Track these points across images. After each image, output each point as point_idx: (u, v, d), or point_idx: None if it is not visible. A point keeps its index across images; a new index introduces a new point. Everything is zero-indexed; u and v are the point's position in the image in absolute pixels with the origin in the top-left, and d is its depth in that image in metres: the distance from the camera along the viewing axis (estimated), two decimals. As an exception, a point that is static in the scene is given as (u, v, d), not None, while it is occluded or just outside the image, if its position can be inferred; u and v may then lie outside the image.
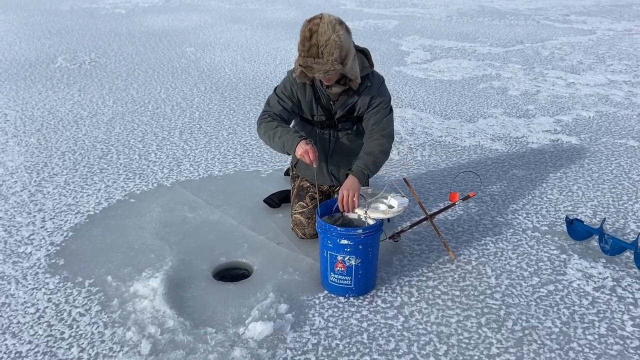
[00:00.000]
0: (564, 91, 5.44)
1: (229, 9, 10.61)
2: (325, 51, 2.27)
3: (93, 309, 2.34)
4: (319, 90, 2.58)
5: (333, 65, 2.30)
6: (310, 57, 2.29)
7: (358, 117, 2.67)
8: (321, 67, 2.30)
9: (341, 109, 2.61)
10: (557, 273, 2.59)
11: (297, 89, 2.60)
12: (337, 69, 2.32)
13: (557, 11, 10.46)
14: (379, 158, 2.59)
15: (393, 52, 7.12)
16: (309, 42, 2.28)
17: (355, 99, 2.58)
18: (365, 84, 2.56)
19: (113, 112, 4.79)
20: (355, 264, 2.37)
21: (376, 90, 2.59)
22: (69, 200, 3.25)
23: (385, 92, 2.64)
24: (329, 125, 2.67)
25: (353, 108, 2.63)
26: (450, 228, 3.00)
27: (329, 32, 2.26)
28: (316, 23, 2.28)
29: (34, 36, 7.80)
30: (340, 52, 2.30)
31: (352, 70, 2.42)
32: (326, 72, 2.33)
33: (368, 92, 2.58)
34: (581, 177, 3.59)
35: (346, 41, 2.33)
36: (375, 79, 2.61)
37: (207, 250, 2.78)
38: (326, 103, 2.62)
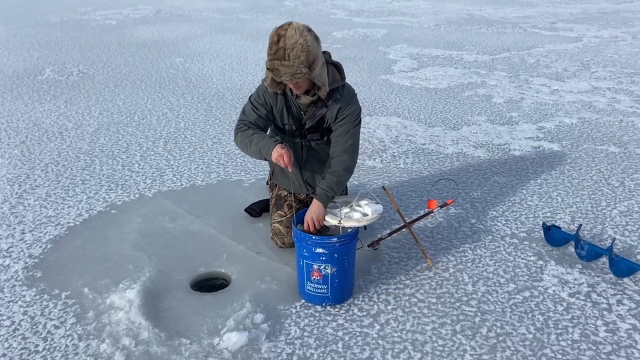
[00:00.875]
0: (548, 98, 5.48)
1: (219, 19, 10.67)
2: (292, 54, 2.28)
3: (68, 321, 2.34)
4: (290, 99, 2.60)
5: (299, 68, 2.30)
6: (277, 60, 2.30)
7: (328, 128, 2.68)
8: (287, 69, 2.30)
9: (311, 120, 2.62)
10: (533, 279, 2.61)
11: (269, 97, 2.62)
12: (303, 72, 2.32)
13: (545, 19, 10.56)
14: (342, 177, 2.60)
15: (380, 61, 7.17)
16: (276, 46, 2.30)
17: (325, 111, 2.59)
18: (335, 96, 2.56)
19: (98, 123, 4.79)
20: (331, 273, 2.38)
21: (345, 103, 2.59)
22: (50, 212, 3.25)
23: (354, 104, 2.63)
24: (300, 135, 2.69)
25: (322, 119, 2.64)
26: (430, 235, 3.01)
27: (296, 37, 2.29)
28: (284, 28, 2.31)
29: (23, 48, 7.81)
30: (307, 56, 2.31)
31: (319, 77, 2.42)
32: (292, 75, 2.33)
33: (337, 104, 2.58)
34: (561, 183, 3.61)
35: (313, 47, 2.34)
36: (345, 92, 2.61)
37: (186, 261, 2.78)
38: (297, 113, 2.64)
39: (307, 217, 2.48)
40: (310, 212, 2.50)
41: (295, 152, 2.76)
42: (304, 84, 2.45)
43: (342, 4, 12.75)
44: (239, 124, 2.66)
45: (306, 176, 2.84)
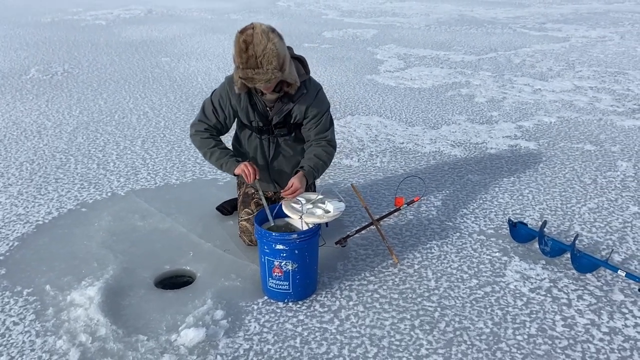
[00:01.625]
0: (529, 97, 5.49)
1: (210, 19, 10.68)
2: (264, 61, 2.28)
3: (27, 317, 2.34)
4: (255, 96, 2.61)
5: (273, 74, 2.32)
6: (250, 69, 2.29)
7: (295, 124, 2.69)
8: (262, 76, 2.31)
9: (277, 115, 2.63)
10: (495, 275, 2.61)
11: (232, 96, 2.63)
12: (277, 76, 2.35)
13: (535, 19, 10.58)
14: (324, 165, 2.68)
15: (367, 61, 7.18)
16: (245, 54, 2.28)
17: (291, 106, 2.61)
18: (300, 91, 2.58)
19: (78, 122, 4.80)
20: (292, 269, 2.38)
21: (312, 99, 2.61)
22: (20, 210, 3.25)
23: (323, 100, 2.66)
24: (267, 131, 2.69)
25: (289, 115, 2.65)
26: (399, 233, 3.01)
27: (264, 42, 2.27)
28: (249, 34, 2.28)
29: (11, 48, 7.82)
30: (278, 59, 2.32)
31: (290, 75, 2.44)
32: (267, 81, 2.35)
33: (304, 99, 2.61)
34: (534, 181, 3.62)
35: (282, 48, 2.36)
36: (311, 86, 2.63)
37: (151, 258, 2.78)
38: (262, 109, 2.64)
39: (293, 182, 2.54)
40: (297, 179, 2.54)
41: (262, 150, 2.77)
42: (275, 84, 2.46)
43: (335, 5, 12.77)
44: (198, 124, 2.69)
45: (273, 174, 2.84)
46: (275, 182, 2.88)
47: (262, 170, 2.80)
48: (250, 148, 2.79)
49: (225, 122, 2.71)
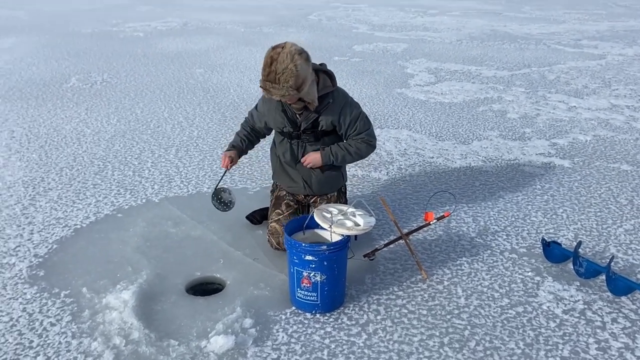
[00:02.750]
0: (564, 115, 5.41)
1: (243, 32, 10.86)
2: (282, 78, 2.44)
3: (64, 319, 2.41)
4: (284, 104, 2.75)
5: (288, 91, 2.48)
6: (269, 82, 2.48)
7: (323, 131, 2.81)
8: (277, 91, 2.49)
9: (305, 122, 2.77)
10: (528, 295, 2.57)
11: (267, 101, 2.83)
12: (291, 94, 2.50)
13: (570, 36, 10.42)
14: (349, 156, 2.82)
15: (397, 75, 7.19)
16: (268, 68, 2.46)
17: (316, 116, 2.74)
18: (326, 101, 2.71)
19: (115, 130, 4.94)
20: (320, 280, 2.40)
21: (340, 107, 2.74)
22: (59, 214, 3.36)
23: (353, 106, 2.80)
24: (296, 136, 2.83)
25: (317, 122, 2.77)
26: (428, 248, 3.00)
27: (287, 61, 2.43)
28: (277, 52, 2.45)
29: (53, 57, 8.10)
30: (296, 80, 2.46)
31: (308, 95, 2.58)
32: (282, 96, 2.52)
33: (330, 109, 2.73)
34: (568, 200, 3.55)
35: (303, 70, 2.48)
36: (338, 96, 2.76)
37: (183, 265, 2.83)
38: (292, 116, 2.79)
39: (307, 155, 2.81)
40: (312, 154, 2.80)
41: (292, 154, 2.90)
42: (294, 100, 2.59)
43: (366, 19, 12.84)
44: (243, 122, 3.08)
45: (303, 175, 2.93)
46: (305, 183, 2.93)
47: (293, 172, 2.95)
48: (281, 151, 2.94)
49: (261, 130, 3.01)
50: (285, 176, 2.98)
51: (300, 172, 2.93)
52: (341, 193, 3.09)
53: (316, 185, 2.94)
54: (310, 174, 2.92)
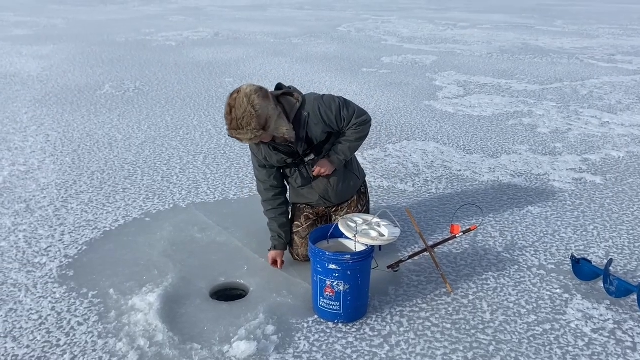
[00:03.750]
0: (597, 130, 5.30)
1: (273, 42, 11.00)
2: (244, 123, 2.40)
3: (91, 319, 2.46)
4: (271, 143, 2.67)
5: (254, 133, 2.43)
6: (233, 130, 2.44)
7: (320, 143, 2.74)
8: (245, 136, 2.44)
9: (300, 147, 2.69)
10: (556, 312, 2.51)
11: (256, 153, 2.76)
12: (259, 135, 2.45)
13: (603, 51, 10.23)
14: (354, 144, 2.78)
15: (426, 87, 7.16)
16: (230, 117, 2.43)
17: (304, 133, 2.65)
18: (303, 118, 2.63)
19: (146, 136, 5.04)
20: (344, 290, 2.39)
21: (318, 114, 2.65)
22: (90, 216, 3.44)
23: (328, 103, 2.67)
24: (299, 162, 2.78)
25: (309, 139, 2.70)
26: (453, 261, 2.97)
27: (245, 105, 2.39)
28: (234, 98, 2.42)
29: (88, 64, 8.35)
30: (258, 120, 2.41)
31: (277, 130, 2.50)
32: (250, 140, 2.46)
33: (312, 121, 2.65)
34: (599, 217, 3.47)
35: (263, 108, 2.41)
36: (309, 106, 2.65)
37: (208, 270, 2.86)
38: (285, 148, 2.71)
39: (317, 166, 2.75)
40: (321, 163, 2.74)
41: (302, 178, 2.84)
42: (267, 137, 2.53)
43: (395, 31, 12.86)
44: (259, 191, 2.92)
45: (320, 192, 2.87)
46: (323, 199, 2.91)
47: (309, 192, 2.88)
48: (292, 179, 2.87)
49: (274, 177, 2.83)
50: (303, 197, 2.92)
51: (316, 190, 2.87)
52: (361, 194, 3.04)
53: (335, 197, 2.90)
54: (327, 188, 2.85)
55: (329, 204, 2.94)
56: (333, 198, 2.89)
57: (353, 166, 2.95)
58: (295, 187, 2.88)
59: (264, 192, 2.87)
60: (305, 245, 2.86)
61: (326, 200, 2.90)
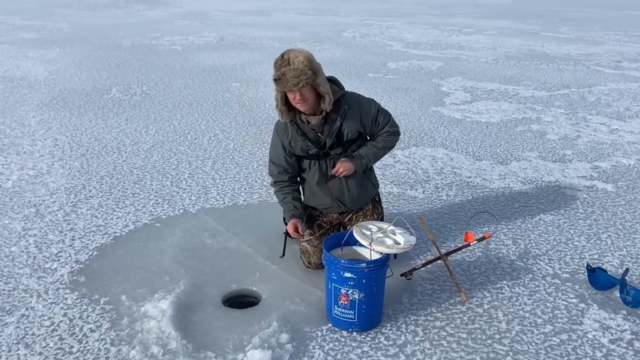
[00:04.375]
0: (606, 137, 5.27)
1: (278, 47, 10.99)
2: (296, 61, 2.48)
3: (104, 325, 2.44)
4: (303, 127, 2.70)
5: (304, 70, 2.46)
6: (283, 67, 2.49)
7: (348, 141, 2.76)
8: (293, 72, 2.46)
9: (329, 137, 2.71)
10: (572, 322, 2.48)
11: (283, 137, 2.76)
12: (308, 74, 2.47)
13: (610, 57, 10.21)
14: (380, 152, 2.84)
15: (433, 93, 7.15)
16: (281, 60, 2.52)
17: (339, 124, 2.69)
18: (342, 107, 2.68)
19: (154, 140, 5.03)
20: (358, 298, 2.37)
21: (358, 109, 2.72)
22: (100, 221, 3.42)
23: (369, 103, 2.78)
24: (324, 155, 2.78)
25: (340, 133, 2.72)
26: (466, 269, 2.94)
27: (298, 52, 2.52)
28: (288, 50, 2.55)
29: (94, 68, 8.35)
30: (310, 63, 2.49)
31: (323, 84, 2.56)
32: (298, 78, 2.46)
33: (349, 114, 2.69)
34: (612, 225, 3.44)
35: (314, 61, 2.54)
36: (351, 100, 2.73)
37: (219, 276, 2.84)
38: (314, 137, 2.72)
39: (338, 164, 2.73)
40: (342, 162, 2.73)
41: (321, 174, 2.84)
42: (309, 95, 2.54)
43: (400, 36, 12.86)
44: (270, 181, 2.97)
45: (334, 193, 2.87)
46: (338, 201, 2.89)
47: (325, 192, 2.87)
48: (310, 174, 2.86)
49: (287, 160, 2.83)
50: (317, 198, 2.90)
51: (332, 190, 2.86)
52: (375, 202, 3.05)
53: (349, 201, 2.90)
54: (343, 191, 2.85)
55: (342, 209, 2.92)
56: (347, 202, 2.87)
57: (371, 174, 2.96)
58: (312, 183, 2.86)
59: (277, 175, 2.88)
60: (318, 254, 2.84)
61: (340, 204, 2.88)
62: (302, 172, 2.92)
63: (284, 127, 2.75)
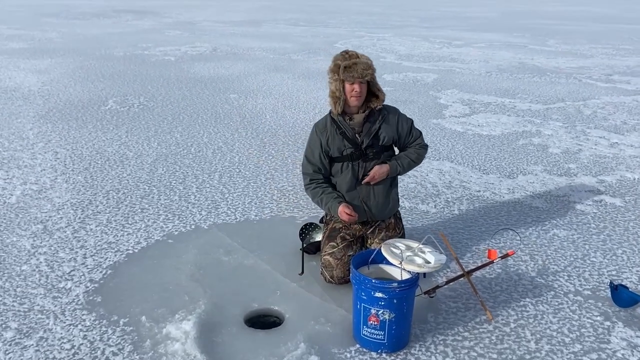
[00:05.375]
0: (607, 151, 5.33)
1: (272, 58, 10.99)
2: (363, 57, 2.75)
3: (126, 348, 2.36)
4: (342, 125, 2.81)
5: (371, 65, 2.73)
6: (353, 58, 2.71)
7: (383, 146, 2.86)
8: (363, 64, 2.69)
9: (367, 137, 2.81)
10: (600, 341, 2.48)
11: (321, 137, 2.86)
12: (374, 69, 2.75)
13: (600, 70, 10.39)
14: (413, 162, 2.97)
15: (431, 105, 7.18)
16: (348, 54, 2.74)
17: (378, 126, 2.81)
18: (383, 111, 2.87)
19: (157, 153, 4.96)
20: (389, 319, 2.33)
21: (396, 118, 2.90)
22: (110, 238, 3.34)
23: (406, 118, 2.97)
24: (358, 156, 2.84)
25: (377, 137, 2.83)
26: (488, 287, 2.92)
27: (361, 53, 2.80)
28: (349, 49, 2.81)
29: (88, 79, 8.24)
30: (371, 64, 2.76)
31: (378, 85, 2.83)
32: (364, 69, 2.68)
33: (388, 119, 2.87)
34: (626, 240, 3.46)
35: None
36: (390, 109, 2.92)
37: (240, 295, 2.78)
38: (352, 135, 2.81)
39: (373, 170, 2.82)
40: (378, 167, 2.83)
41: (353, 175, 2.87)
42: (365, 90, 2.76)
43: (392, 48, 12.95)
44: (305, 179, 2.97)
45: (362, 197, 2.89)
46: (365, 205, 2.89)
47: (352, 195, 2.90)
48: (342, 176, 2.89)
49: (322, 161, 2.90)
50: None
51: (360, 193, 2.89)
52: (397, 219, 3.06)
53: (375, 208, 2.92)
54: (370, 195, 2.89)
55: (367, 216, 2.92)
56: (373, 207, 2.90)
57: (396, 189, 2.98)
58: (342, 187, 2.90)
59: (312, 173, 2.92)
60: (341, 267, 2.81)
61: (366, 208, 2.89)
62: (332, 176, 2.96)
63: (323, 125, 2.87)
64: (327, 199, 2.85)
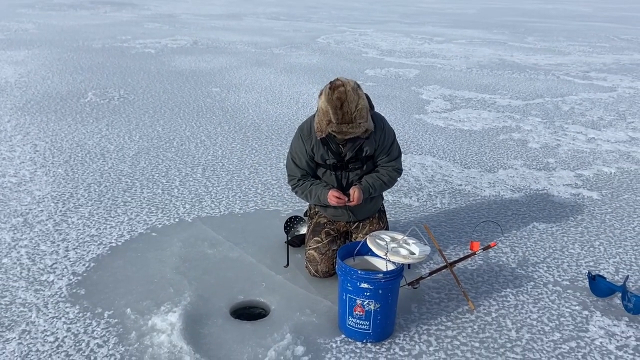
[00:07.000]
0: (585, 146, 5.45)
1: (254, 52, 10.94)
2: (357, 116, 2.48)
3: (111, 340, 2.35)
4: (328, 138, 2.69)
5: (363, 126, 2.53)
6: (345, 124, 2.48)
7: (366, 157, 2.81)
8: (355, 130, 2.51)
9: (350, 151, 2.75)
10: (579, 330, 2.55)
11: (306, 142, 2.78)
12: (364, 128, 2.55)
13: (577, 67, 10.58)
14: (385, 185, 2.88)
15: (413, 100, 7.24)
16: (341, 111, 2.45)
17: (362, 141, 2.73)
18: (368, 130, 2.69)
19: (139, 147, 4.91)
20: (374, 309, 2.36)
21: (381, 131, 2.77)
22: (93, 231, 3.31)
23: (390, 130, 2.84)
24: (340, 167, 2.81)
25: (361, 149, 2.78)
26: (470, 277, 2.98)
27: (356, 99, 2.48)
28: (342, 91, 2.44)
29: (66, 71, 8.10)
30: (367, 114, 2.56)
31: (370, 124, 2.62)
32: (355, 134, 2.54)
33: (373, 134, 2.72)
34: (603, 232, 3.56)
35: (366, 103, 2.55)
36: (377, 120, 2.77)
37: (225, 288, 2.79)
38: (335, 148, 2.76)
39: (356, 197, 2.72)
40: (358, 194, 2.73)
41: (339, 183, 2.86)
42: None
43: (374, 44, 12.99)
44: (291, 180, 2.90)
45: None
46: (349, 212, 2.91)
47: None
48: (323, 179, 2.89)
49: (309, 163, 2.84)
50: (330, 207, 2.91)
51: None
52: (381, 212, 3.09)
53: (359, 212, 2.94)
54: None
55: (351, 219, 2.93)
56: (358, 213, 2.91)
57: None
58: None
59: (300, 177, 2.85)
60: (325, 262, 2.83)
61: (351, 214, 2.90)
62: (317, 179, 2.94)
63: (307, 133, 2.77)
64: (317, 189, 2.81)
